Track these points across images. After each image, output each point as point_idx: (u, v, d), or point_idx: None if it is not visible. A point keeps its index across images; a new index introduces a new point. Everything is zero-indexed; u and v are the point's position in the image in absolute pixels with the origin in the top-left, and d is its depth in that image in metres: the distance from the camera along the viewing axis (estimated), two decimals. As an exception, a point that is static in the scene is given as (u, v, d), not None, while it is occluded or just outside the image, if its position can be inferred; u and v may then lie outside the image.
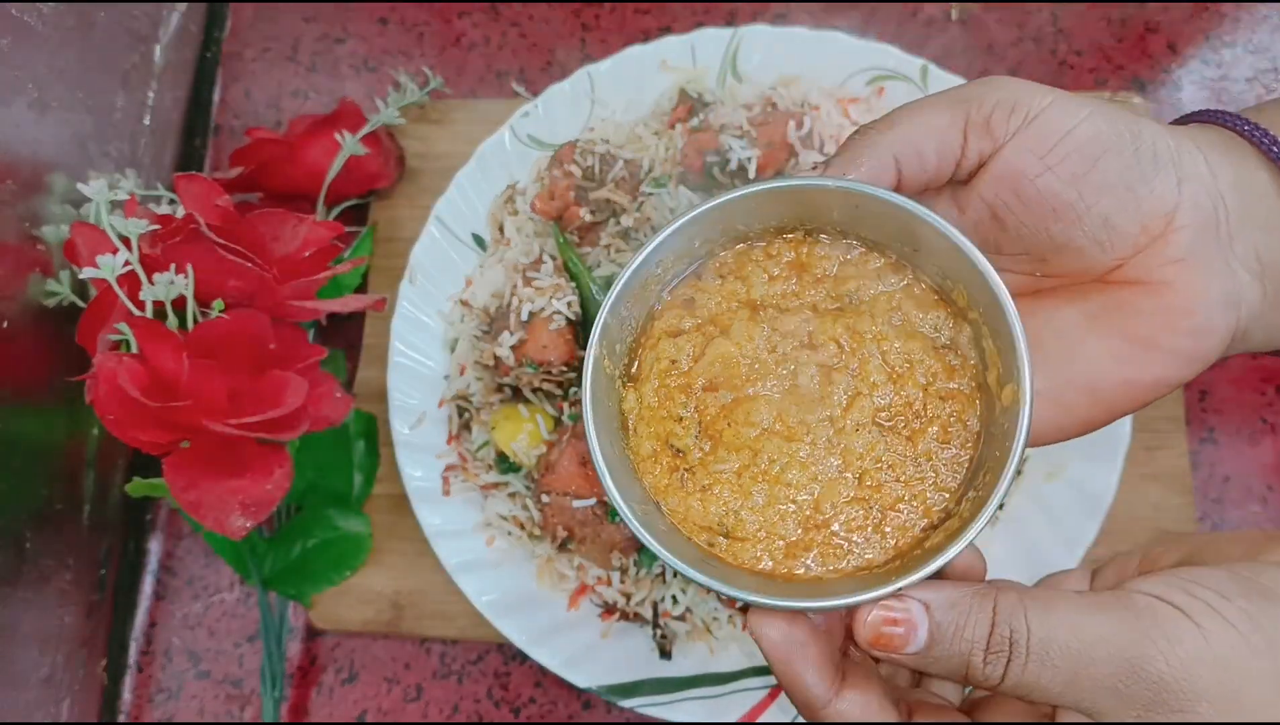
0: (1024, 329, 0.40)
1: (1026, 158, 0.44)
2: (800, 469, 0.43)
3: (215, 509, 0.59)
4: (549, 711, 0.77)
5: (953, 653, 0.39)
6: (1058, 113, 0.44)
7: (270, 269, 0.62)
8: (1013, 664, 0.38)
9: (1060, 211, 0.44)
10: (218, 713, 0.80)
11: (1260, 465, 0.77)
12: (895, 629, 0.39)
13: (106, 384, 0.57)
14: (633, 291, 0.45)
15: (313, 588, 0.78)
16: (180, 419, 0.58)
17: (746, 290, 0.46)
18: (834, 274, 0.46)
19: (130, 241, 0.60)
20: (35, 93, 0.72)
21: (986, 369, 0.43)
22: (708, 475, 0.43)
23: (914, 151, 0.44)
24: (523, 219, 0.82)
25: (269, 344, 0.61)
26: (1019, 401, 0.40)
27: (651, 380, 0.45)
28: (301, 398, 0.59)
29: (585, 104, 0.84)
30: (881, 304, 0.45)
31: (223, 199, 0.62)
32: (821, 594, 0.39)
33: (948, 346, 0.44)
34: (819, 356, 0.44)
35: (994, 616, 0.38)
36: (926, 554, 0.40)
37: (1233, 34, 0.88)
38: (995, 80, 0.45)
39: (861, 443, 0.43)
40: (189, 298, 0.60)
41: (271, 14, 0.97)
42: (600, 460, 0.42)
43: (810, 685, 0.40)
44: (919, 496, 0.42)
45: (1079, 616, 0.38)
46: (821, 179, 0.43)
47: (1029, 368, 0.40)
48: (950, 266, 0.43)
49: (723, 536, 0.43)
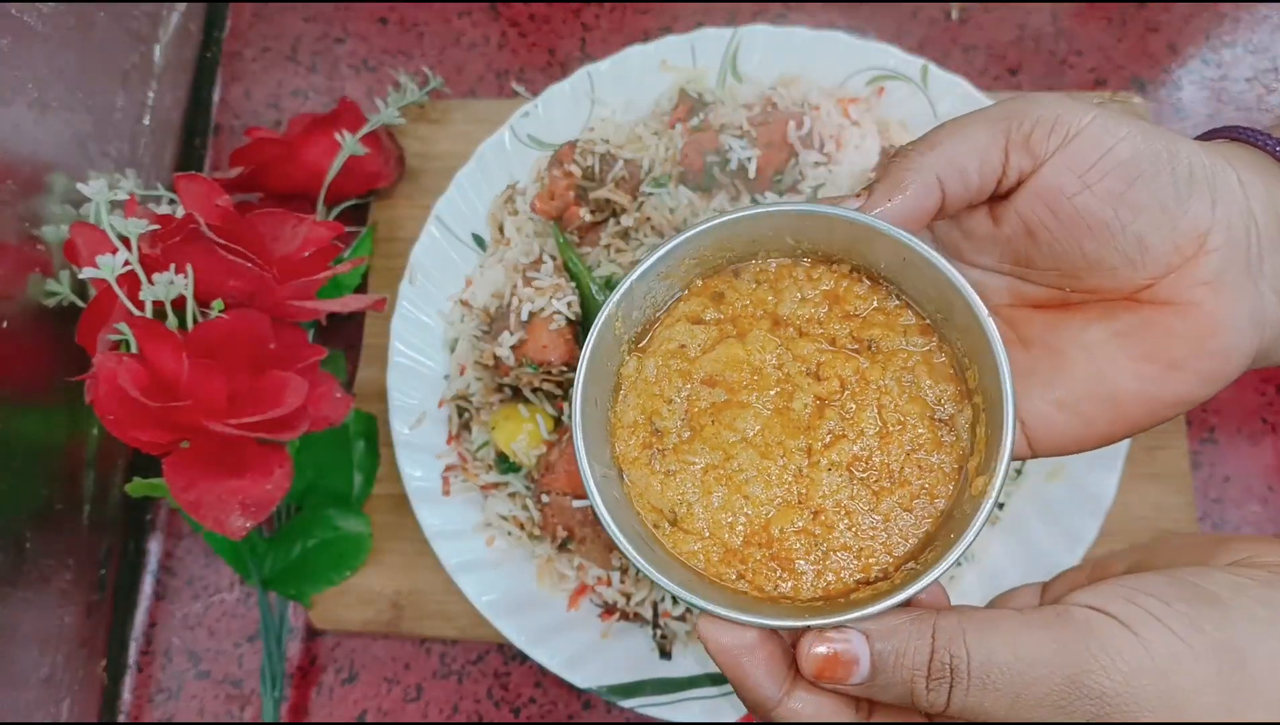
0: (1014, 436, 0.41)
1: (1066, 176, 0.44)
2: (764, 486, 0.44)
3: (215, 509, 0.59)
4: (549, 711, 0.77)
5: (895, 681, 0.39)
6: (1098, 131, 0.44)
7: (270, 269, 0.62)
8: (955, 690, 0.38)
9: (1095, 230, 0.44)
10: (218, 713, 0.80)
11: (1260, 465, 0.77)
12: (837, 661, 0.39)
13: (106, 384, 0.57)
14: (668, 267, 0.45)
15: (313, 588, 0.78)
16: (180, 419, 0.58)
17: (776, 303, 0.47)
18: (864, 316, 0.46)
19: (130, 241, 0.60)
20: (35, 93, 0.72)
21: (970, 454, 0.44)
22: (677, 461, 0.44)
23: (957, 171, 0.44)
24: (523, 219, 0.82)
25: (269, 344, 0.61)
26: (985, 496, 0.40)
27: (657, 356, 0.46)
28: (301, 398, 0.59)
29: (585, 104, 0.84)
30: (898, 360, 0.45)
31: (223, 199, 0.62)
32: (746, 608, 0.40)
33: (945, 422, 0.45)
34: (820, 388, 0.45)
35: (933, 642, 0.38)
36: (848, 605, 0.41)
37: (1233, 34, 0.88)
38: (1035, 96, 0.45)
39: (829, 483, 0.44)
40: (189, 298, 0.60)
41: (271, 14, 0.97)
42: (577, 412, 0.42)
43: (758, 686, 0.40)
44: (864, 552, 0.43)
45: (1018, 635, 0.38)
46: (882, 223, 0.43)
47: (1004, 471, 0.40)
48: (972, 346, 0.44)
49: (669, 522, 0.44)
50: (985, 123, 0.45)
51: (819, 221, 0.45)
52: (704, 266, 0.47)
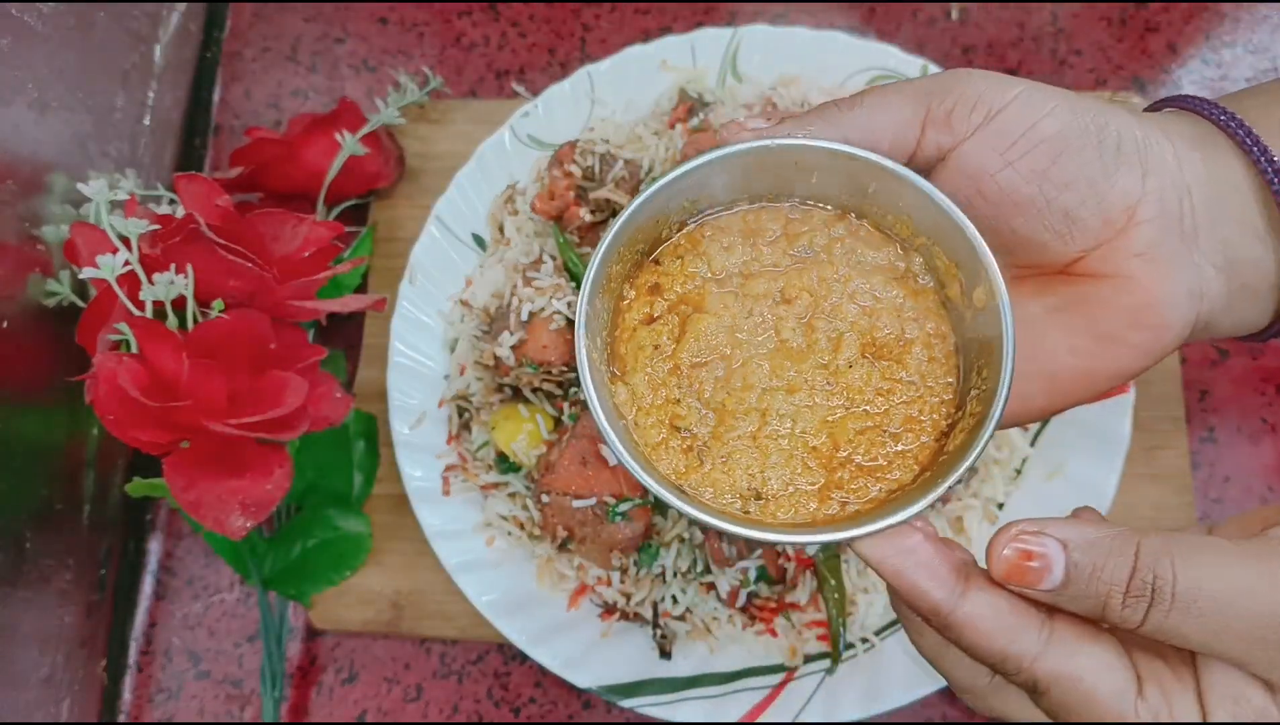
0: (979, 231, 0.42)
1: (987, 154, 0.44)
2: (810, 415, 0.45)
3: (215, 509, 0.59)
4: (549, 711, 0.77)
5: (1089, 593, 0.37)
6: (1021, 107, 0.44)
7: (270, 269, 0.62)
8: (1154, 610, 0.36)
9: (1022, 206, 0.45)
10: (218, 713, 0.80)
11: (1260, 465, 0.77)
12: (1030, 564, 0.37)
13: (106, 384, 0.57)
14: (601, 282, 0.46)
15: (313, 588, 0.78)
16: (180, 419, 0.58)
17: (708, 265, 0.48)
18: (785, 232, 0.48)
19: (130, 241, 0.60)
20: (35, 93, 0.72)
21: (945, 286, 0.45)
22: (723, 446, 0.45)
23: (867, 138, 0.44)
24: (523, 219, 0.82)
25: (269, 344, 0.61)
26: (994, 294, 0.41)
27: (639, 371, 0.46)
28: (301, 398, 0.59)
29: (585, 104, 0.84)
30: (837, 250, 0.47)
31: (223, 199, 0.62)
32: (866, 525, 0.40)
33: (905, 274, 0.47)
34: (795, 309, 0.46)
35: (1135, 560, 0.37)
36: (952, 457, 0.41)
37: (1233, 34, 0.88)
38: (962, 74, 0.45)
39: (858, 377, 0.45)
40: (189, 298, 0.60)
41: (271, 14, 0.97)
42: (624, 451, 0.42)
43: (929, 590, 0.38)
44: (925, 409, 0.44)
45: (1229, 566, 0.36)
46: (764, 141, 0.44)
47: (994, 262, 0.42)
48: (891, 202, 0.45)
49: (755, 499, 0.44)
50: (908, 96, 0.45)
51: (707, 174, 0.46)
52: (625, 266, 0.48)
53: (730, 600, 0.71)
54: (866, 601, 0.71)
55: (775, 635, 0.72)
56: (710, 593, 0.72)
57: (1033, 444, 0.74)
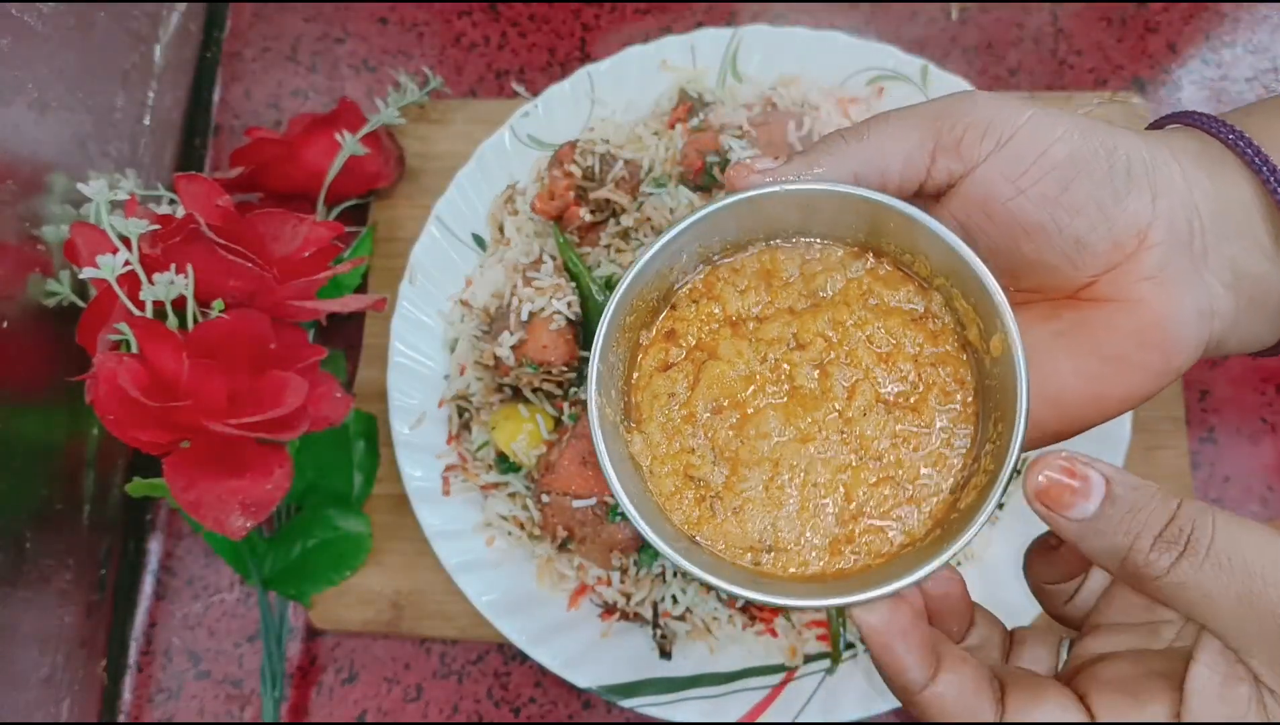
0: (995, 277, 0.41)
1: (998, 182, 0.44)
2: (823, 467, 0.44)
3: (215, 509, 0.59)
4: (549, 711, 0.77)
5: (1120, 529, 0.37)
6: (1031, 133, 0.43)
7: (270, 269, 0.62)
8: (1184, 560, 0.36)
9: (1032, 232, 0.44)
10: (218, 713, 0.80)
11: (1260, 465, 0.77)
12: (1071, 481, 0.37)
13: (106, 384, 0.57)
14: (615, 336, 0.45)
15: (313, 588, 0.78)
16: (180, 419, 0.58)
17: (722, 309, 0.47)
18: (801, 273, 0.47)
19: (130, 241, 0.60)
20: (35, 93, 0.72)
21: (965, 328, 0.44)
22: (735, 497, 0.44)
23: (877, 169, 0.44)
24: (523, 219, 0.82)
25: (269, 344, 0.61)
26: (1010, 346, 0.41)
27: (654, 419, 0.46)
28: (301, 398, 0.59)
29: (585, 104, 0.84)
30: (853, 291, 0.46)
31: (223, 199, 0.62)
32: (874, 583, 0.39)
33: (924, 315, 0.46)
34: (809, 355, 0.45)
35: (1177, 510, 0.37)
36: (964, 515, 0.41)
37: (1233, 34, 0.88)
38: (970, 97, 0.45)
39: (872, 426, 0.44)
40: (189, 298, 0.60)
41: (271, 14, 0.97)
42: (637, 519, 0.41)
43: (908, 669, 0.39)
44: (940, 461, 0.43)
45: (1272, 542, 0.36)
46: (774, 186, 0.43)
47: (1010, 313, 0.41)
48: (908, 241, 0.44)
49: (766, 552, 0.43)
50: (917, 123, 0.45)
51: (719, 220, 0.45)
52: (640, 315, 0.47)
53: (730, 600, 0.71)
54: (866, 601, 0.71)
55: (775, 635, 0.72)
56: (710, 593, 0.72)
57: (1033, 444, 0.74)
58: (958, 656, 0.41)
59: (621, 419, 0.46)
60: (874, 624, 0.39)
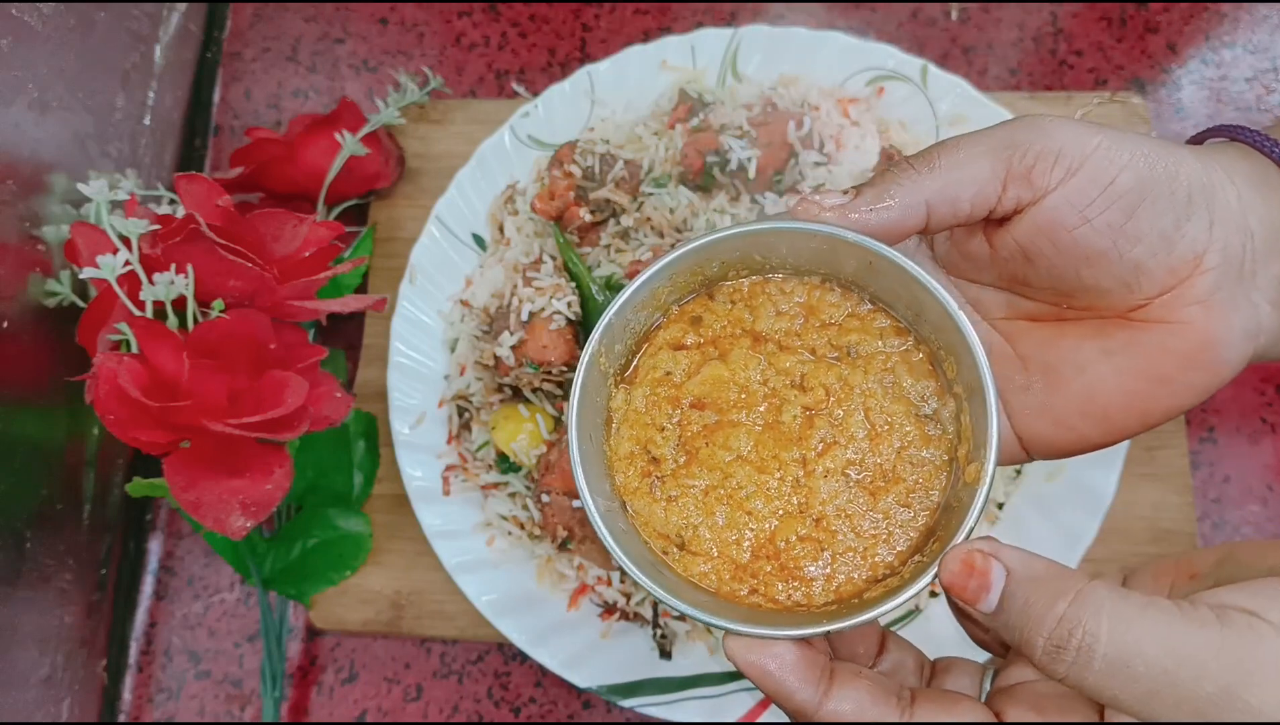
0: (1000, 422, 0.41)
1: (1066, 210, 0.44)
2: (765, 500, 0.44)
3: (215, 509, 0.59)
4: (549, 711, 0.77)
5: (1017, 626, 0.37)
6: (1099, 162, 0.43)
7: (270, 269, 0.62)
8: (1078, 666, 0.36)
9: (1094, 259, 0.45)
10: (218, 712, 0.80)
11: (1260, 465, 0.77)
12: (969, 580, 0.38)
13: (107, 384, 0.57)
14: (643, 298, 0.46)
15: (313, 588, 0.78)
16: (180, 419, 0.58)
17: (753, 320, 0.48)
18: (839, 323, 0.47)
19: (130, 241, 0.60)
20: (35, 93, 0.72)
21: (959, 443, 0.45)
22: (677, 486, 0.45)
23: (949, 199, 0.44)
24: (523, 219, 0.82)
25: (269, 344, 0.61)
26: (980, 482, 0.41)
27: (644, 386, 0.47)
28: (302, 398, 0.59)
29: (585, 104, 0.84)
30: (877, 363, 0.46)
31: (223, 199, 0.62)
32: (764, 622, 0.40)
33: (930, 417, 0.46)
34: (806, 398, 0.46)
35: (1066, 609, 0.36)
36: (862, 605, 0.41)
37: (1233, 34, 0.88)
38: (1039, 124, 0.45)
39: (827, 489, 0.44)
40: (189, 298, 0.60)
41: (271, 14, 0.98)
42: (575, 450, 0.43)
43: (795, 692, 0.40)
44: (869, 551, 0.44)
45: (1173, 632, 0.36)
46: (844, 231, 0.44)
47: (995, 456, 0.41)
48: (947, 340, 0.45)
49: (677, 547, 0.45)
50: (987, 152, 0.44)
51: (785, 237, 0.45)
52: (678, 292, 0.48)
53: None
54: (866, 601, 0.71)
55: (775, 635, 0.72)
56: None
57: (1032, 444, 0.74)
58: (851, 671, 0.41)
59: (615, 372, 0.47)
60: (746, 657, 0.40)
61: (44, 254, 0.72)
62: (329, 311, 0.67)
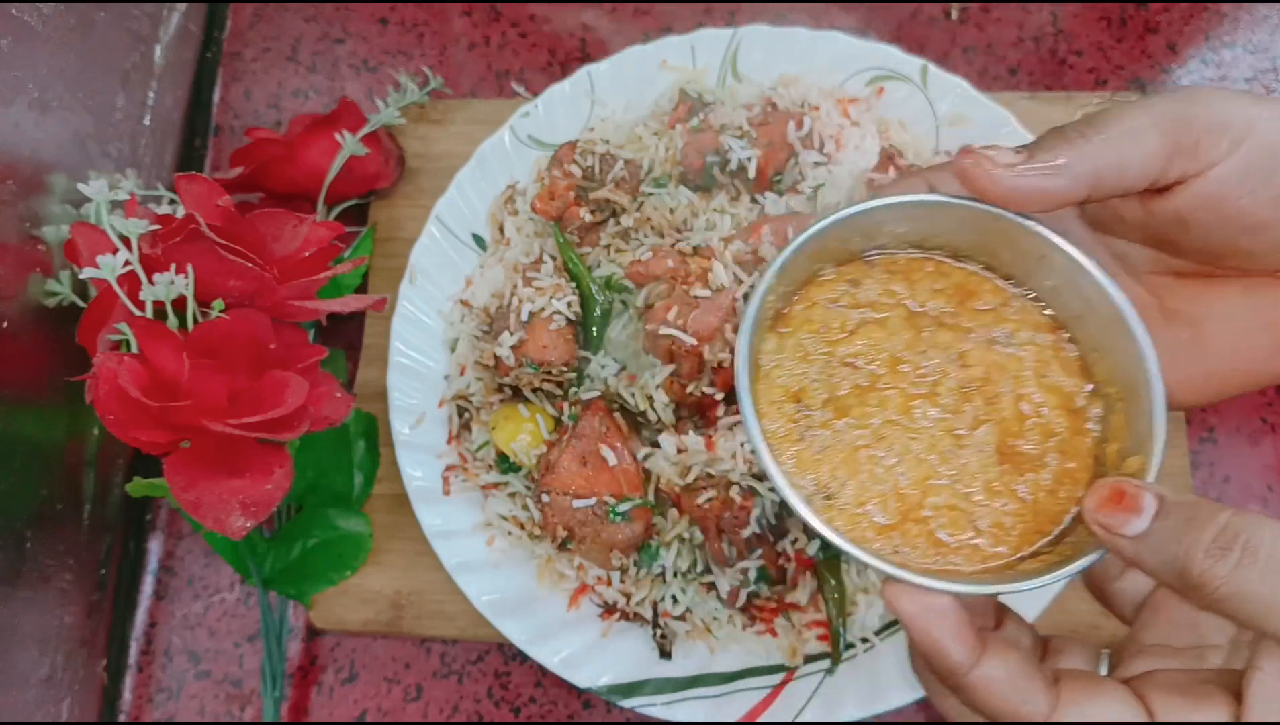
0: (1166, 428, 0.42)
1: (1231, 182, 0.44)
2: (913, 465, 0.45)
3: (215, 509, 0.59)
4: (549, 711, 0.77)
5: (1174, 540, 0.38)
6: (1265, 133, 0.44)
7: (270, 269, 0.62)
8: (1242, 567, 0.36)
9: (1252, 228, 0.45)
10: (218, 713, 0.80)
11: (1260, 465, 0.77)
12: (1122, 502, 0.39)
13: (107, 384, 0.57)
14: (814, 248, 0.46)
15: (313, 588, 0.78)
16: (180, 419, 0.58)
17: (910, 294, 0.48)
18: (996, 311, 0.48)
19: (130, 241, 0.60)
20: (35, 93, 0.72)
21: (1106, 442, 0.45)
22: (825, 439, 0.45)
23: (1116, 171, 0.44)
24: (523, 219, 0.82)
25: (269, 344, 0.61)
26: (1144, 473, 0.41)
27: (797, 334, 0.47)
28: (302, 398, 0.59)
29: (585, 104, 0.84)
30: (1032, 352, 0.47)
31: (223, 199, 0.62)
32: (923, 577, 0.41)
33: (1080, 412, 0.46)
34: (962, 375, 0.46)
35: (1230, 517, 0.37)
36: (1020, 574, 0.41)
37: (1233, 34, 0.88)
38: (1202, 96, 0.45)
39: (976, 462, 0.45)
40: (189, 298, 0.60)
41: (271, 14, 0.98)
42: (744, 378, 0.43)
43: (949, 653, 0.40)
44: (1015, 530, 0.44)
45: None
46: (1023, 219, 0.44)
47: (1162, 449, 0.41)
48: (1105, 338, 0.45)
49: (823, 497, 0.45)
50: (1153, 123, 0.45)
51: (954, 213, 0.46)
52: (829, 256, 0.48)
53: (730, 600, 0.71)
54: (866, 601, 0.71)
55: (775, 635, 0.72)
56: (710, 593, 0.72)
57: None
58: (1003, 642, 0.41)
59: (769, 320, 0.48)
60: (913, 608, 0.40)
61: (44, 254, 0.72)
62: (329, 311, 0.67)
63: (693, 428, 0.71)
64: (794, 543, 0.69)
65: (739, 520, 0.68)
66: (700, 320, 0.69)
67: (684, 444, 0.70)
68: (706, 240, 0.73)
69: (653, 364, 0.72)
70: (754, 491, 0.69)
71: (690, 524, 0.71)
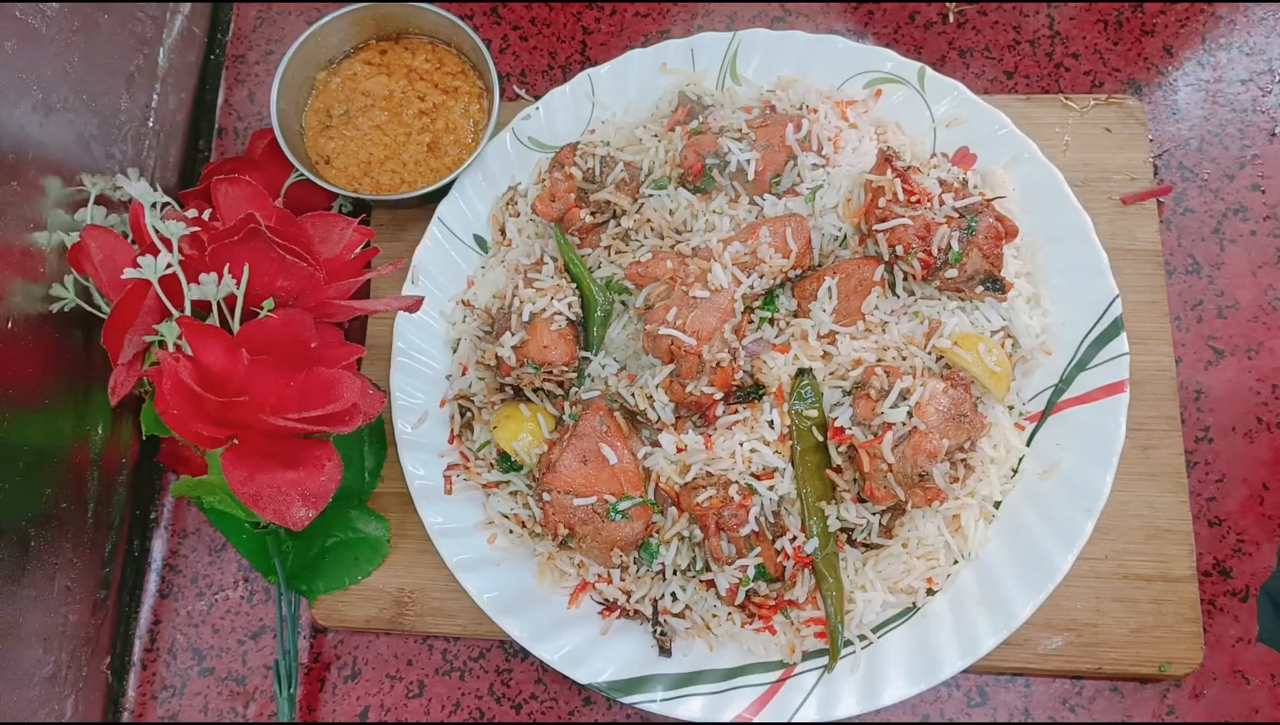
0: None
1: None
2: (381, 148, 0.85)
3: (275, 501, 0.65)
4: (550, 708, 0.78)
5: None
6: None
7: (320, 269, 0.66)
8: None
9: None
10: (221, 710, 0.81)
11: (1255, 464, 0.79)
12: None
13: (170, 380, 0.63)
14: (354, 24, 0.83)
15: (324, 587, 0.80)
16: (237, 415, 0.64)
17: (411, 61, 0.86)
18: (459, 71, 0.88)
19: (171, 243, 0.63)
20: (40, 95, 0.74)
21: None
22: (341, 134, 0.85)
23: None
24: (524, 220, 0.83)
25: (311, 343, 0.64)
26: None
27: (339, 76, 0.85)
28: (355, 394, 0.67)
29: (586, 106, 0.86)
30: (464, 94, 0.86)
31: (276, 201, 0.66)
32: None
33: None
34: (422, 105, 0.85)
35: None
36: None
37: (1228, 36, 0.90)
38: None
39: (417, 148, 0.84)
40: (239, 298, 0.64)
41: (274, 16, 0.99)
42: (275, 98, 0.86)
43: None
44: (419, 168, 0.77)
45: None
46: None
47: None
48: None
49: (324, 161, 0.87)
50: None
51: None
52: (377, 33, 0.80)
53: (729, 598, 0.72)
54: (864, 599, 0.73)
55: (774, 632, 0.73)
56: (709, 590, 0.73)
57: (1029, 443, 0.76)
58: None
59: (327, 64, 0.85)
60: None
61: (48, 257, 0.73)
62: (373, 311, 0.72)
63: (692, 427, 0.73)
64: (793, 541, 0.70)
65: (738, 518, 0.69)
66: (699, 321, 0.70)
67: (683, 443, 0.72)
68: (705, 242, 0.75)
69: (653, 364, 0.73)
70: (753, 490, 0.69)
71: (690, 522, 0.72)
